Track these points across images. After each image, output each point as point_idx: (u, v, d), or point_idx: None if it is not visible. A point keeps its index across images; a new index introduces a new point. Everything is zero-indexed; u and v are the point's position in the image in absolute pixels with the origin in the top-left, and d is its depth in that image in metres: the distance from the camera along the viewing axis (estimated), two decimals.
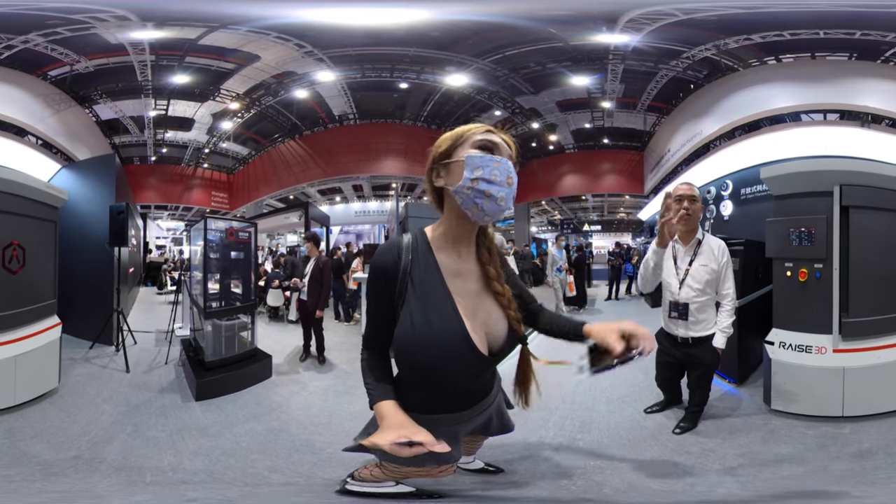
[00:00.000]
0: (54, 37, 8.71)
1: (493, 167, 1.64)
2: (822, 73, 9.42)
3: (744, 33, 9.17)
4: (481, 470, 3.19)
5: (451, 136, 1.74)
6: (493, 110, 13.35)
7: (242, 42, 10.02)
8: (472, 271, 1.84)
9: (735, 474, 3.21)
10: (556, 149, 14.71)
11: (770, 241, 4.58)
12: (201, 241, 5.92)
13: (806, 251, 4.27)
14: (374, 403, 1.75)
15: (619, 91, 11.87)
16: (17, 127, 9.64)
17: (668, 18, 8.64)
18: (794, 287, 4.37)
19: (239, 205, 14.57)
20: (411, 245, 1.77)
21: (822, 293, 4.21)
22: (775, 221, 4.53)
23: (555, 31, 9.57)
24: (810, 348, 4.21)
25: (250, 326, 5.92)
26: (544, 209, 18.74)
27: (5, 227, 4.56)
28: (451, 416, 1.91)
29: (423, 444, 1.51)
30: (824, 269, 4.21)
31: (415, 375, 1.80)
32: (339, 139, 13.82)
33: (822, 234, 4.19)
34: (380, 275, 1.75)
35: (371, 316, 1.85)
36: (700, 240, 3.80)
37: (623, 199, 16.96)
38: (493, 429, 2.20)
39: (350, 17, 9.00)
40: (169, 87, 11.10)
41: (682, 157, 12.04)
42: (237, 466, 3.41)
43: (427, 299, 1.71)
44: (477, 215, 1.67)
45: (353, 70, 11.37)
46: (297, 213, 13.64)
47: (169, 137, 13.15)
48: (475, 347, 1.72)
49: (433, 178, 1.77)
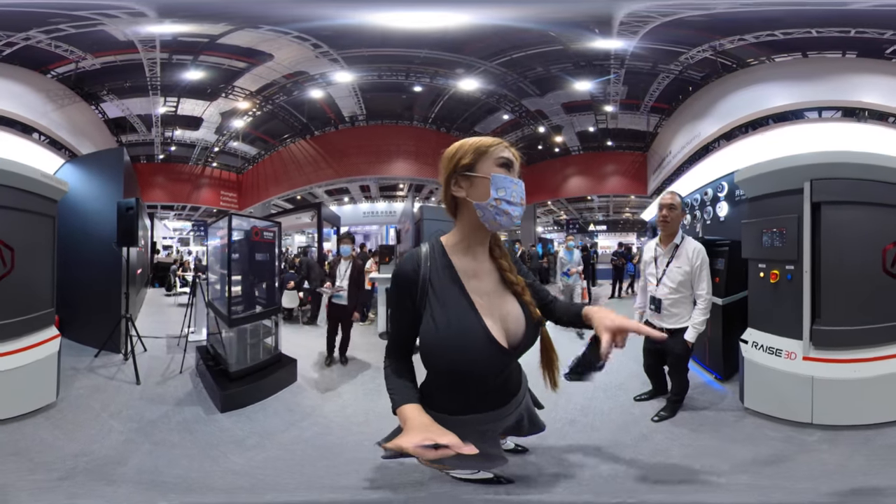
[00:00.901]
0: (57, 34, 8.51)
1: (513, 189, 1.79)
2: (819, 70, 9.50)
3: (736, 33, 9.26)
4: (512, 450, 3.49)
5: (473, 149, 1.83)
6: (500, 112, 13.33)
7: (258, 41, 9.88)
8: (488, 271, 1.93)
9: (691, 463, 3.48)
10: (562, 150, 14.73)
11: (745, 242, 4.67)
12: (219, 240, 5.72)
13: (777, 252, 4.29)
14: (396, 408, 1.80)
15: (622, 93, 11.95)
16: (21, 124, 9.43)
17: (656, 20, 8.69)
18: (767, 288, 4.41)
19: (248, 204, 14.43)
20: (429, 253, 1.87)
21: (793, 296, 4.18)
22: (749, 223, 4.61)
23: (554, 34, 9.59)
24: (780, 352, 4.22)
25: (274, 331, 5.70)
26: (550, 209, 18.72)
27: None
28: (481, 417, 1.97)
29: (448, 446, 1.50)
30: (795, 271, 4.18)
31: (441, 377, 1.87)
32: (349, 140, 13.72)
33: (792, 233, 4.17)
34: (402, 284, 1.84)
35: (394, 324, 1.93)
36: (677, 244, 4.21)
37: (628, 199, 17.00)
38: (524, 429, 2.30)
39: (369, 19, 8.91)
40: (180, 84, 10.93)
41: (683, 158, 12.14)
42: (307, 473, 3.39)
43: (447, 302, 1.80)
44: (493, 226, 1.82)
45: (367, 71, 11.29)
46: (308, 214, 13.54)
47: (177, 136, 13.01)
48: (495, 341, 1.79)
49: (452, 187, 1.85)
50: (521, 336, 1.88)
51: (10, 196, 4.18)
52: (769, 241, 4.34)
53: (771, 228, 4.31)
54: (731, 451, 3.62)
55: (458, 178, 1.83)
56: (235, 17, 8.84)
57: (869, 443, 3.65)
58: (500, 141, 1.85)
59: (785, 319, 4.22)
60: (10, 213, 4.18)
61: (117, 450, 3.63)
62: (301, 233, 16.23)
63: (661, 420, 4.21)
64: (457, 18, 9.06)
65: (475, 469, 2.73)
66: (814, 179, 4.02)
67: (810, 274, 4.08)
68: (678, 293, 4.13)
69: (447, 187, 1.87)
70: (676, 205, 4.19)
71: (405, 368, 1.93)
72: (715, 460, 3.47)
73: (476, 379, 1.85)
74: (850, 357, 3.99)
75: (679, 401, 4.35)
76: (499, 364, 1.86)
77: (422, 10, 8.78)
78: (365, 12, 8.69)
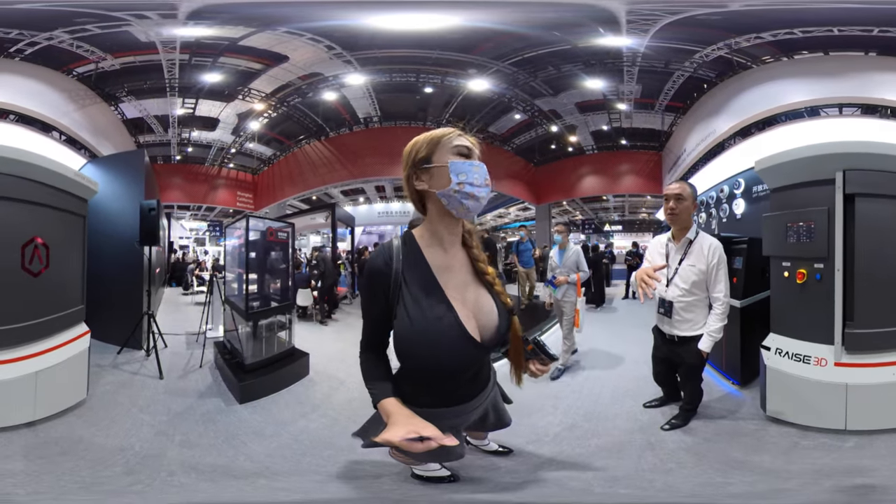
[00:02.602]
0: (81, 34, 8.63)
1: (474, 172, 1.84)
2: (838, 67, 9.31)
3: (753, 31, 9.11)
4: (495, 451, 3.44)
5: (426, 141, 1.91)
6: (513, 113, 13.30)
7: (274, 43, 9.96)
8: (460, 264, 1.99)
9: (706, 476, 3.24)
10: (576, 150, 14.65)
11: (767, 238, 4.29)
12: (237, 239, 5.86)
13: (805, 249, 3.91)
14: (377, 402, 1.89)
15: (636, 92, 11.81)
16: (41, 122, 9.53)
17: (664, 18, 8.61)
18: (792, 289, 4.02)
19: (264, 205, 14.45)
20: (401, 247, 1.92)
21: (823, 297, 3.81)
22: (772, 216, 4.24)
23: (560, 34, 9.56)
24: (809, 359, 3.87)
25: (288, 326, 5.85)
26: (565, 209, 18.64)
27: (26, 220, 4.06)
28: (449, 411, 2.03)
29: (431, 438, 1.63)
30: (825, 270, 3.81)
31: (414, 370, 1.94)
32: (363, 141, 13.76)
33: (822, 228, 3.79)
34: (374, 278, 1.89)
35: (367, 318, 1.98)
36: (691, 239, 3.77)
37: (644, 199, 16.87)
38: (489, 424, 2.40)
39: (383, 21, 8.96)
40: (198, 85, 11.05)
41: (697, 156, 11.97)
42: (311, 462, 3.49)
43: (420, 295, 1.85)
44: (462, 212, 1.86)
45: (380, 72, 11.32)
46: (323, 214, 13.63)
47: (194, 137, 13.11)
48: (468, 334, 1.85)
49: (414, 182, 1.93)
50: (493, 328, 1.95)
51: (46, 194, 4.26)
52: (795, 236, 3.96)
53: (797, 222, 3.94)
54: (756, 462, 3.39)
55: (417, 172, 1.91)
56: (262, 19, 8.92)
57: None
58: (452, 130, 1.93)
59: (813, 323, 3.87)
60: (45, 211, 4.27)
61: (152, 442, 3.75)
62: (316, 233, 16.30)
63: (673, 428, 3.89)
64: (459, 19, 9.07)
65: (435, 461, 2.80)
66: (847, 169, 3.69)
67: (842, 273, 3.74)
68: (692, 295, 3.68)
69: (408, 183, 1.96)
70: (685, 195, 3.73)
71: (380, 362, 2.01)
72: (741, 472, 3.23)
73: (448, 373, 1.93)
74: (887, 360, 3.72)
75: (692, 409, 4.01)
76: (471, 357, 1.94)
77: (429, 12, 8.80)
78: (376, 14, 8.74)
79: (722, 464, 3.35)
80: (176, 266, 13.80)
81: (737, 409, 4.30)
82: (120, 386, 5.11)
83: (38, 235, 4.15)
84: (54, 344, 4.28)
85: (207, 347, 6.22)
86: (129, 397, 4.77)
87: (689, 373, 3.89)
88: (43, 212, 4.27)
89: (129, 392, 4.92)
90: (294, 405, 4.64)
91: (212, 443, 3.79)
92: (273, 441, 3.80)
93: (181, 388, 5.13)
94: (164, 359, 5.76)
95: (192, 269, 13.07)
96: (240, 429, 4.05)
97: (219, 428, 4.07)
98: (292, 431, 3.99)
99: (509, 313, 2.02)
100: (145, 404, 4.61)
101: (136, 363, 5.87)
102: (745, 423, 3.98)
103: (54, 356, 4.22)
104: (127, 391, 4.95)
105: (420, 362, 1.87)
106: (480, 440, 3.40)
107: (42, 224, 4.24)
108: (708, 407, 4.17)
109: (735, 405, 4.42)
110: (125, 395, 4.82)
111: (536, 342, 2.06)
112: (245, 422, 4.21)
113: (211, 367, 5.82)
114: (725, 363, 5.13)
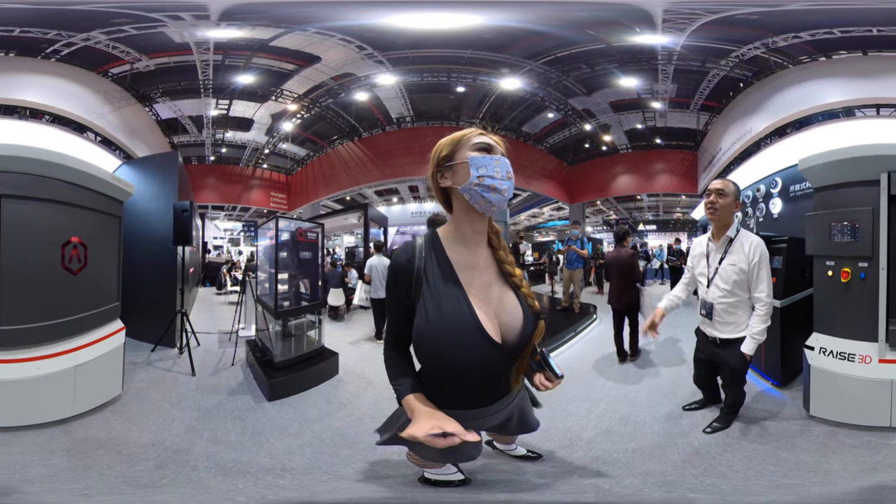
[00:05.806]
0: (118, 34, 8.76)
1: (494, 165, 1.83)
2: (875, 68, 9.08)
3: (790, 31, 8.88)
4: (523, 456, 3.30)
5: (449, 142, 1.93)
6: (546, 112, 13.22)
7: (306, 43, 10.03)
8: (485, 264, 1.97)
9: (760, 479, 3.11)
10: (610, 149, 14.51)
11: (810, 238, 4.25)
12: (268, 240, 5.90)
13: (849, 248, 3.90)
14: (401, 398, 1.91)
15: (671, 91, 11.66)
16: (76, 123, 9.71)
17: (703, 17, 8.43)
18: (836, 288, 3.99)
19: (297, 205, 14.61)
20: (425, 246, 1.93)
21: (868, 296, 3.81)
22: (815, 216, 4.20)
23: (594, 32, 9.43)
24: (853, 356, 3.84)
25: (318, 325, 5.89)
26: (599, 209, 18.47)
27: (65, 220, 4.19)
28: (468, 413, 1.98)
29: (454, 434, 1.65)
30: (870, 269, 3.82)
31: (432, 368, 1.94)
32: (396, 141, 13.78)
33: (867, 228, 3.81)
34: (397, 276, 1.92)
35: (391, 314, 2.01)
36: (731, 237, 3.65)
37: (679, 198, 16.63)
38: (511, 428, 2.29)
39: (413, 21, 8.95)
40: (232, 86, 11.18)
41: (733, 155, 11.76)
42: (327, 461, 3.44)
43: (440, 294, 1.84)
44: (485, 207, 1.84)
45: (412, 73, 11.33)
46: (356, 215, 13.72)
47: (228, 138, 13.28)
48: (486, 334, 1.82)
49: (439, 181, 1.94)
50: (517, 330, 1.91)
51: (84, 196, 4.39)
52: (839, 235, 3.94)
53: (841, 222, 3.93)
54: (806, 461, 3.27)
55: (441, 171, 1.93)
56: (289, 19, 8.97)
57: None
58: (474, 129, 1.94)
59: (857, 321, 3.85)
60: (83, 213, 4.39)
61: (182, 438, 3.79)
62: (350, 233, 16.42)
63: (714, 432, 3.74)
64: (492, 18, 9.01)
65: (451, 460, 2.73)
66: (892, 171, 3.71)
67: (886, 271, 3.75)
68: (733, 296, 3.57)
69: (434, 182, 1.97)
70: (728, 191, 3.60)
71: (404, 359, 2.01)
72: (792, 472, 3.13)
73: (465, 373, 1.89)
74: None
75: (734, 412, 3.88)
76: (489, 359, 1.88)
77: (462, 12, 8.75)
78: (406, 13, 8.72)
79: (772, 465, 3.25)
80: (209, 266, 13.97)
81: (779, 410, 4.19)
82: (153, 382, 5.18)
83: (76, 236, 4.28)
84: (92, 339, 4.39)
85: (240, 346, 6.28)
86: (161, 393, 4.83)
87: (732, 376, 3.76)
88: (81, 213, 4.38)
89: (162, 388, 4.99)
90: (321, 404, 4.62)
91: (238, 439, 3.79)
92: (296, 439, 3.80)
93: (212, 385, 5.18)
94: (197, 357, 5.82)
95: (226, 269, 13.22)
96: (266, 426, 4.07)
97: (246, 425, 4.09)
98: (316, 430, 3.96)
99: (536, 317, 1.98)
100: (177, 400, 4.66)
101: (170, 360, 5.94)
102: (790, 424, 3.88)
103: (92, 351, 4.32)
104: (160, 388, 5.02)
105: (436, 360, 1.86)
106: (507, 444, 3.27)
107: (80, 225, 4.35)
108: (748, 408, 4.08)
109: (777, 406, 4.31)
110: (158, 392, 4.89)
111: (543, 355, 1.99)
112: (272, 419, 4.22)
113: (242, 365, 5.85)
114: (765, 363, 5.05)
